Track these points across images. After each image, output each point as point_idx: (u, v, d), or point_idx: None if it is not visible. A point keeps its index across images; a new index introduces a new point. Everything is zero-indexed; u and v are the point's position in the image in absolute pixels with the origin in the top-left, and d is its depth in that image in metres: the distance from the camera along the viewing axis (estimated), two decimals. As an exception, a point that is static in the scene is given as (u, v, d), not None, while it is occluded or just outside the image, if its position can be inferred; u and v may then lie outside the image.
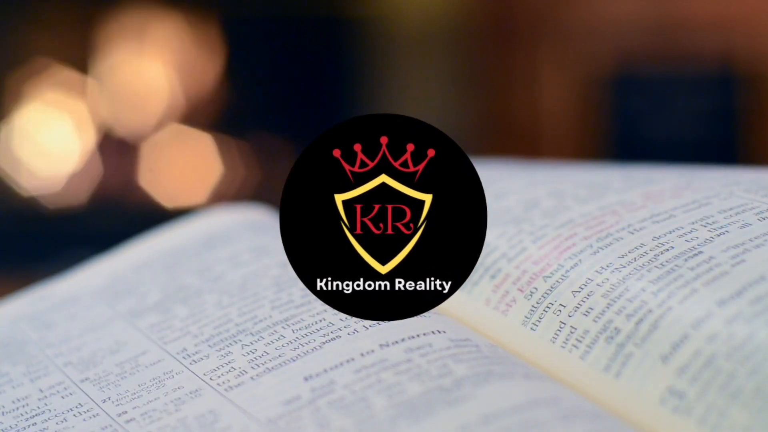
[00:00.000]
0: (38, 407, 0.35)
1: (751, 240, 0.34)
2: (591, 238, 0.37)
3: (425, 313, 0.36)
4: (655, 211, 0.37)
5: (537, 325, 0.35)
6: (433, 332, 0.34)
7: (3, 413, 0.36)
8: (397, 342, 0.33)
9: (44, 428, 0.34)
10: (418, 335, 0.34)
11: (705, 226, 0.35)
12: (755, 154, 1.66)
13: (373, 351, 0.33)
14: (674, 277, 0.33)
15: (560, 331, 0.34)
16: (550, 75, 1.75)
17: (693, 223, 0.36)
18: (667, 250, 0.35)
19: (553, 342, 0.34)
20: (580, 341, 0.33)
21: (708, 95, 1.68)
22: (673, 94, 1.69)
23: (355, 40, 1.76)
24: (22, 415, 0.35)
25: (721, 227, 0.35)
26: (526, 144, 1.77)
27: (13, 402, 0.36)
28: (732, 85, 1.68)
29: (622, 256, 0.35)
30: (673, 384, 0.30)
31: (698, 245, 0.34)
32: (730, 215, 0.36)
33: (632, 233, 0.36)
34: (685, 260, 0.34)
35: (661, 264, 0.34)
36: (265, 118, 1.80)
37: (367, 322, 0.35)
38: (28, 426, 0.34)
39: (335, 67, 1.79)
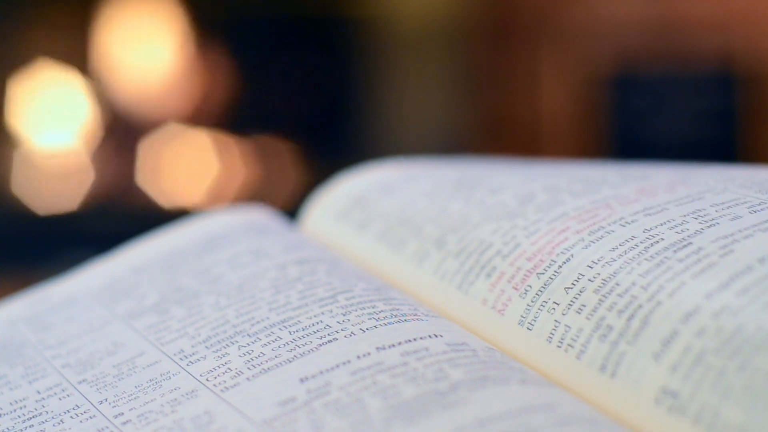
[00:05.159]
0: (36, 409, 0.35)
1: (740, 231, 0.33)
2: (583, 231, 0.36)
3: (422, 316, 0.35)
4: (647, 204, 0.37)
5: (533, 325, 0.34)
6: (429, 336, 0.34)
7: (1, 415, 0.36)
8: (393, 345, 0.33)
9: (41, 430, 0.34)
10: (414, 339, 0.34)
11: (696, 219, 0.35)
12: (755, 154, 1.66)
13: (369, 353, 0.33)
14: (663, 270, 0.33)
15: (555, 330, 0.34)
16: (550, 75, 1.75)
17: (684, 216, 0.35)
18: (657, 242, 0.34)
19: (549, 342, 0.34)
20: (575, 340, 0.33)
21: (708, 95, 1.68)
22: (673, 94, 1.69)
23: (355, 40, 1.76)
24: (19, 416, 0.35)
25: (712, 219, 0.35)
26: (526, 144, 1.77)
27: (11, 404, 0.36)
28: (732, 85, 1.68)
29: (613, 249, 0.35)
30: (667, 383, 0.30)
31: (688, 236, 0.34)
32: (722, 208, 0.35)
33: (623, 226, 0.36)
34: (675, 252, 0.33)
35: (650, 256, 0.34)
36: (264, 118, 1.80)
37: (365, 325, 0.35)
38: (26, 428, 0.34)
39: (335, 67, 1.79)
